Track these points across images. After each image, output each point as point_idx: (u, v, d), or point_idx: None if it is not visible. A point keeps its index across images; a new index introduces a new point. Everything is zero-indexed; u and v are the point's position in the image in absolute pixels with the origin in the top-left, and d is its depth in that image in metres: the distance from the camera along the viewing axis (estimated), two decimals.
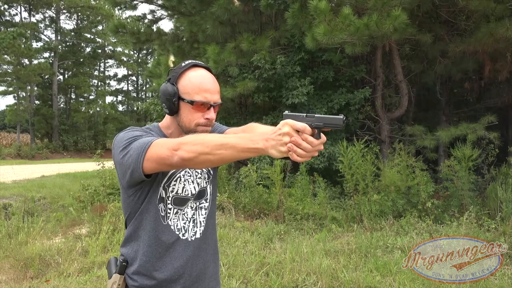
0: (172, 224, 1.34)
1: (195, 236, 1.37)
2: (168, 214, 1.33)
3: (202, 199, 1.42)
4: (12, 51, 25.39)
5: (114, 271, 1.34)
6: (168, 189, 1.32)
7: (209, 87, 1.29)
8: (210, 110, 1.30)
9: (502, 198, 5.08)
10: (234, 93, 7.53)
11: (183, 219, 1.36)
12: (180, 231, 1.35)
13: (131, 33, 10.36)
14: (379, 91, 8.05)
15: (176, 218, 1.35)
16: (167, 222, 1.33)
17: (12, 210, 6.71)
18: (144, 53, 44.55)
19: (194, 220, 1.38)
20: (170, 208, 1.33)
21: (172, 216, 1.34)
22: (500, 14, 6.00)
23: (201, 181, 1.42)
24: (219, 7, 7.61)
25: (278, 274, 3.67)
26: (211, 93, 1.29)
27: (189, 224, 1.37)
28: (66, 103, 37.28)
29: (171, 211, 1.34)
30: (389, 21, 5.40)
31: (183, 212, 1.36)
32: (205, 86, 1.28)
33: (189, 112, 1.29)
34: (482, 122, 6.54)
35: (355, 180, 5.76)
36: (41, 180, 12.56)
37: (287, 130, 1.01)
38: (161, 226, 1.32)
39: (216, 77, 1.39)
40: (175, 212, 1.35)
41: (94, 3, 34.52)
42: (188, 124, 1.30)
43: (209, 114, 1.30)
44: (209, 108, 1.30)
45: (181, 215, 1.36)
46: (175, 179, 1.34)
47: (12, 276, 3.85)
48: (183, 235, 1.35)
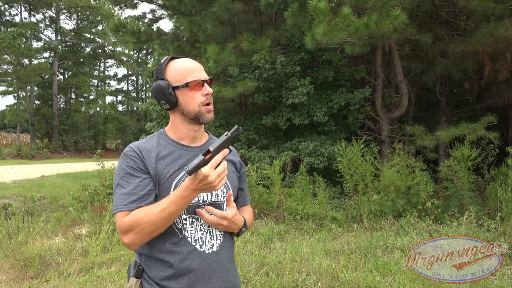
0: (189, 235, 1.32)
1: (211, 249, 1.34)
2: (185, 225, 1.32)
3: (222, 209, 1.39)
4: (12, 51, 25.41)
5: (132, 275, 1.32)
6: None
7: (195, 67, 1.35)
8: (205, 85, 1.34)
9: (502, 198, 5.08)
10: (234, 93, 7.53)
11: (201, 230, 1.34)
12: (197, 242, 1.32)
13: (132, 33, 10.36)
14: (379, 91, 8.05)
15: (194, 229, 1.33)
16: (183, 234, 1.31)
17: (12, 210, 6.71)
18: (144, 53, 44.57)
19: (211, 232, 1.36)
20: (185, 219, 1.32)
21: (189, 227, 1.32)
22: (500, 14, 6.00)
23: (218, 192, 1.38)
24: (219, 6, 7.61)
25: (278, 274, 3.68)
26: (199, 71, 1.35)
27: (206, 235, 1.34)
28: (66, 103, 37.30)
29: (187, 221, 1.32)
30: (389, 21, 5.40)
31: (200, 223, 1.34)
32: (191, 67, 1.35)
33: (188, 96, 1.33)
34: (482, 122, 6.54)
35: (354, 180, 5.76)
36: (41, 180, 12.56)
37: (201, 177, 1.14)
38: (177, 239, 1.30)
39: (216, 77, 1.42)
40: (191, 223, 1.33)
41: (94, 3, 34.53)
42: (193, 108, 1.33)
43: (206, 89, 1.34)
44: (203, 84, 1.34)
45: (198, 226, 1.34)
46: None
47: (12, 276, 3.85)
48: (200, 246, 1.32)
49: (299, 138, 8.00)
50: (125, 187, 1.27)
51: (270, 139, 8.48)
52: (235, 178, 1.46)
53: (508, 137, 8.35)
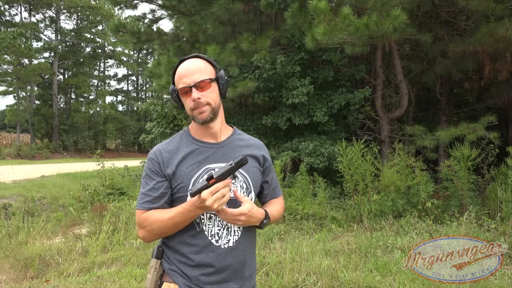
0: (206, 229, 1.38)
1: (228, 244, 1.39)
2: (202, 220, 1.38)
3: None
4: (12, 51, 25.40)
5: (153, 256, 1.43)
6: None
7: (185, 72, 1.37)
8: (192, 91, 1.35)
9: (502, 198, 5.08)
10: (235, 93, 7.53)
11: (218, 226, 1.38)
12: (213, 237, 1.37)
13: (132, 33, 10.36)
14: (379, 91, 8.04)
15: (211, 223, 1.38)
16: (201, 228, 1.37)
17: (12, 210, 6.72)
18: (144, 53, 44.60)
19: (228, 228, 1.40)
20: (202, 214, 1.36)
21: (207, 222, 1.38)
22: (500, 14, 6.00)
23: (237, 187, 1.42)
24: (219, 7, 7.61)
25: (278, 274, 3.68)
26: (188, 76, 1.35)
27: (223, 231, 1.39)
28: (66, 103, 37.29)
29: (205, 216, 1.37)
30: (389, 21, 5.40)
31: (218, 218, 1.38)
32: (182, 73, 1.37)
33: (184, 101, 1.40)
34: (482, 122, 6.53)
35: (355, 180, 5.76)
36: (41, 180, 12.56)
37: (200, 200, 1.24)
38: (195, 231, 1.37)
39: None
40: (209, 218, 1.38)
41: (94, 3, 34.53)
42: (189, 112, 1.40)
43: (191, 95, 1.35)
44: (190, 90, 1.35)
45: (216, 221, 1.38)
46: None
47: (12, 276, 3.85)
48: (216, 241, 1.37)
49: (299, 138, 8.00)
50: (144, 187, 1.41)
51: (270, 139, 8.48)
52: (257, 173, 1.49)
53: (508, 137, 8.35)
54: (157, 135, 10.68)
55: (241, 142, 1.50)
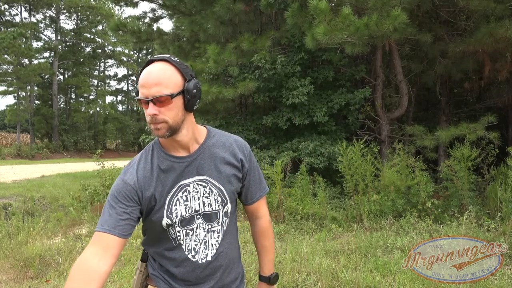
0: (184, 244, 1.33)
1: (205, 259, 1.34)
2: (179, 236, 1.33)
3: (214, 222, 1.35)
4: (12, 51, 25.39)
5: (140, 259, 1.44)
6: (172, 215, 1.29)
7: (145, 82, 1.18)
8: (149, 105, 1.17)
9: (502, 198, 5.08)
10: (235, 93, 7.53)
11: (195, 241, 1.33)
12: (190, 252, 1.33)
13: (132, 32, 10.36)
14: (379, 91, 8.05)
15: (189, 238, 1.33)
16: (178, 242, 1.33)
17: (12, 210, 6.72)
18: (144, 53, 44.56)
19: (206, 242, 1.34)
20: (178, 231, 1.32)
21: (184, 237, 1.33)
22: (500, 14, 6.00)
23: (211, 202, 1.33)
24: (221, 6, 7.61)
25: (278, 274, 3.67)
26: (147, 87, 1.17)
27: (200, 246, 1.34)
28: (66, 103, 37.28)
29: (181, 233, 1.32)
30: (389, 21, 5.40)
31: (196, 233, 1.33)
32: (142, 81, 1.19)
33: (144, 110, 1.22)
34: (482, 122, 6.53)
35: (355, 180, 5.76)
36: (41, 180, 12.56)
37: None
38: (171, 246, 1.34)
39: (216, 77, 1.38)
40: (186, 234, 1.33)
41: (94, 3, 34.52)
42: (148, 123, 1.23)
43: (148, 110, 1.18)
44: (147, 103, 1.18)
45: (193, 236, 1.33)
46: (175, 204, 1.30)
47: (12, 276, 3.86)
48: (193, 256, 1.33)
49: (299, 138, 8.01)
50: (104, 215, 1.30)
51: (270, 139, 8.48)
52: (234, 181, 1.37)
53: (508, 137, 8.35)
54: None
55: (215, 149, 1.34)
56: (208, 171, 1.32)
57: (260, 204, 1.50)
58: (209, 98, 7.50)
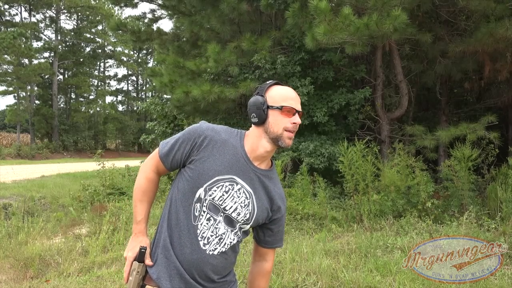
0: (200, 228, 1.39)
1: (213, 252, 1.40)
2: (201, 216, 1.39)
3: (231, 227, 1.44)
4: (12, 51, 25.41)
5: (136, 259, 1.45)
6: (208, 192, 1.38)
7: (294, 96, 1.44)
8: (296, 115, 1.42)
9: (502, 198, 5.08)
10: (236, 93, 7.53)
11: (212, 232, 1.40)
12: (202, 239, 1.39)
13: (132, 32, 10.37)
14: (379, 91, 8.04)
15: (207, 226, 1.39)
16: (196, 223, 1.39)
17: (12, 210, 6.71)
18: (144, 53, 44.56)
19: (220, 239, 1.41)
20: (204, 211, 1.39)
21: (204, 221, 1.39)
22: (500, 14, 6.00)
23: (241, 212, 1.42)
24: (227, 5, 7.60)
25: (278, 274, 3.67)
26: (295, 101, 1.43)
27: (215, 239, 1.40)
28: (66, 103, 37.30)
29: (203, 215, 1.39)
30: (389, 21, 5.40)
31: (216, 224, 1.40)
32: (291, 95, 1.43)
33: (277, 118, 1.40)
34: (482, 122, 6.53)
35: (355, 180, 5.75)
36: (41, 180, 12.56)
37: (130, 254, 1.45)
38: (189, 224, 1.39)
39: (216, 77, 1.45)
40: (207, 218, 1.39)
41: (94, 3, 34.54)
42: (277, 129, 1.40)
43: (296, 118, 1.41)
44: (294, 113, 1.41)
45: (212, 226, 1.40)
46: (218, 186, 1.38)
47: (12, 276, 3.85)
48: (204, 245, 1.39)
49: (299, 138, 8.01)
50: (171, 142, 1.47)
51: None
52: (264, 212, 1.48)
53: (508, 137, 8.35)
54: (157, 134, 10.68)
55: (269, 183, 1.48)
56: (258, 190, 1.44)
57: (273, 251, 1.63)
58: (211, 98, 7.49)
